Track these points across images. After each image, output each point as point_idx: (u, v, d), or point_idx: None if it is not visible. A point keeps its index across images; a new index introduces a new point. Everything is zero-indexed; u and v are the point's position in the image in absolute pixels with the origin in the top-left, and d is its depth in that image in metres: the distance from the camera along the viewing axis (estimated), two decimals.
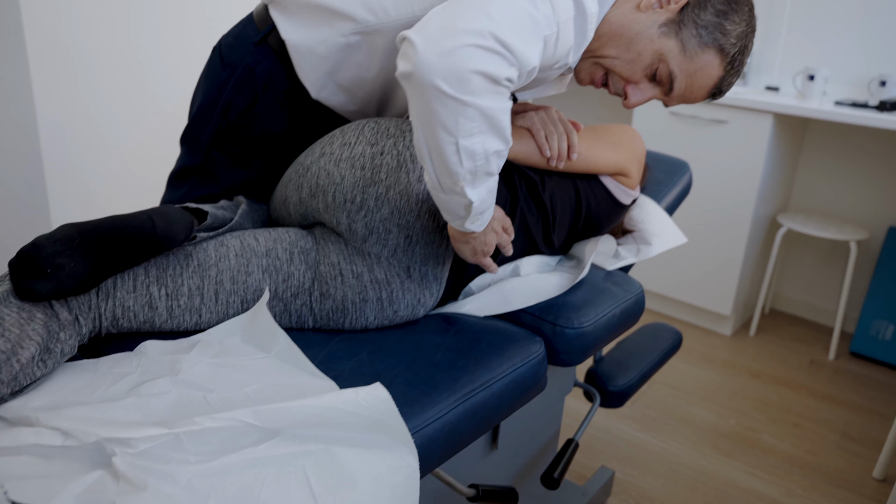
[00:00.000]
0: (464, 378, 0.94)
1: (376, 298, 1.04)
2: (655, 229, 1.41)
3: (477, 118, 0.82)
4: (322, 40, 1.07)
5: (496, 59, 0.80)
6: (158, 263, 0.98)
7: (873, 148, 2.64)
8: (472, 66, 0.78)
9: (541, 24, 0.86)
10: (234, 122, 1.15)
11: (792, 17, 2.72)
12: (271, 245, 1.04)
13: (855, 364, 2.54)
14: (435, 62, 0.78)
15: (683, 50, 1.00)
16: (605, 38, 1.03)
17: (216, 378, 0.90)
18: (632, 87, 1.05)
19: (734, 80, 1.07)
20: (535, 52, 0.85)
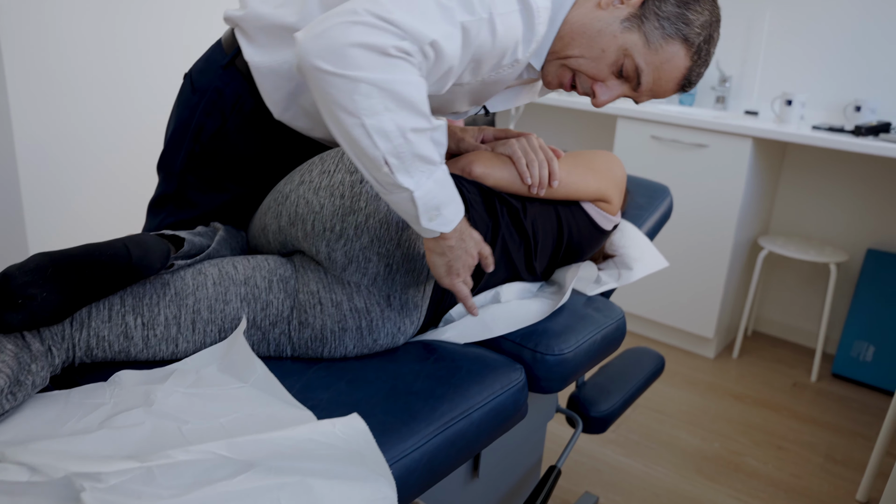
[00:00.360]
0: (443, 407, 0.93)
1: (356, 327, 1.03)
2: (636, 254, 1.42)
3: (375, 94, 0.81)
4: (284, 60, 1.08)
5: (374, 31, 0.80)
6: (134, 292, 0.97)
7: (850, 171, 2.68)
8: (348, 40, 0.79)
9: (450, 9, 0.86)
10: (206, 146, 1.16)
11: (769, 43, 2.77)
12: (250, 273, 1.03)
13: (837, 385, 2.55)
14: (310, 46, 0.80)
15: (648, 43, 1.01)
16: (568, 38, 1.03)
17: (191, 408, 0.89)
18: (599, 85, 1.05)
19: (703, 71, 1.07)
20: (439, 29, 0.85)
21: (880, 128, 2.33)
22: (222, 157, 1.17)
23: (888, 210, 2.64)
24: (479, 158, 1.17)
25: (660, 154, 2.63)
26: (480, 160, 1.16)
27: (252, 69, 1.10)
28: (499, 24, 0.92)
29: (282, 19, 1.06)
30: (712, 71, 2.92)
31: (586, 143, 3.27)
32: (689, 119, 2.52)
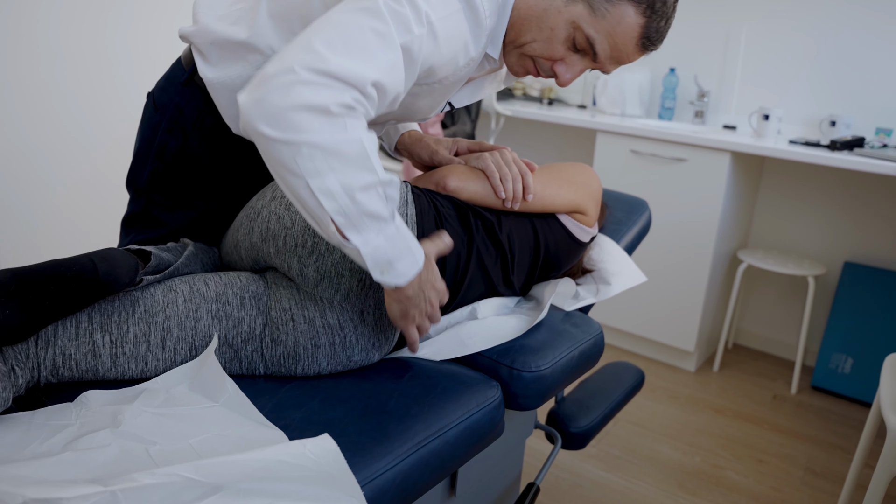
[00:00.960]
0: (417, 426, 0.92)
1: (329, 344, 1.02)
2: (615, 269, 1.42)
3: (317, 155, 0.80)
4: (238, 76, 1.07)
5: (313, 90, 0.78)
6: (103, 309, 0.95)
7: (826, 185, 2.72)
8: (288, 103, 0.78)
9: (387, 34, 0.85)
10: (170, 163, 1.15)
11: (747, 58, 2.81)
12: (221, 290, 1.02)
13: (817, 398, 2.57)
14: (252, 111, 0.79)
15: (593, 11, 0.99)
16: (519, 25, 1.03)
17: (160, 429, 0.87)
18: (559, 64, 1.04)
19: (663, 25, 1.02)
20: (379, 65, 0.84)
21: (855, 142, 2.37)
22: (186, 174, 1.16)
23: (864, 223, 2.67)
24: (454, 172, 1.17)
25: (639, 168, 2.65)
26: (454, 174, 1.16)
27: (207, 85, 1.10)
28: (440, 29, 0.91)
29: (233, 35, 1.06)
30: (691, 86, 2.95)
31: (566, 157, 3.28)
32: (668, 133, 2.54)
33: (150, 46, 2.10)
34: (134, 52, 2.08)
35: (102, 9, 1.98)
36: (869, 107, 2.59)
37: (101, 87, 2.03)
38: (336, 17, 0.85)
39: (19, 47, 1.81)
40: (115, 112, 2.06)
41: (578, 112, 3.06)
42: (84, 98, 1.99)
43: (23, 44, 1.82)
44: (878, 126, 2.57)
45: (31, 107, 1.87)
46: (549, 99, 3.30)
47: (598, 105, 3.12)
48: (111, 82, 2.05)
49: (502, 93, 3.24)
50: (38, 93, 1.88)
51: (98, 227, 2.06)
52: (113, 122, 2.06)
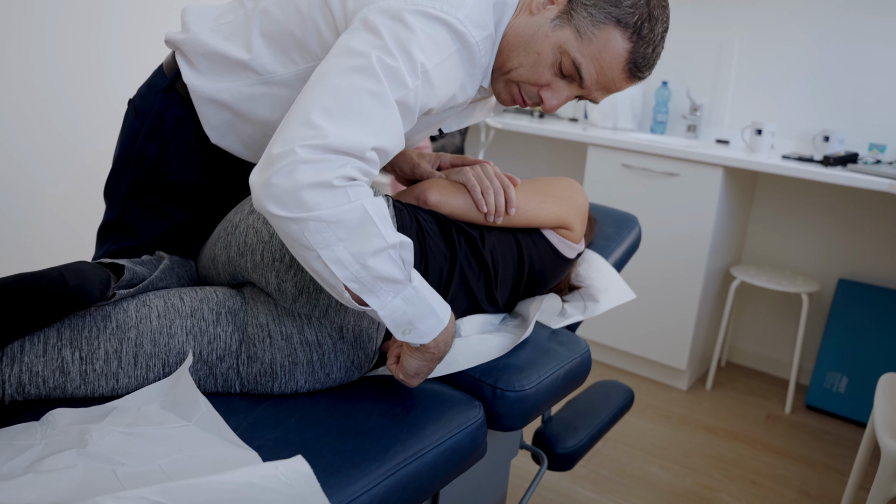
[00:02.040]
0: (395, 447, 0.91)
1: (307, 361, 1.01)
2: (603, 285, 1.42)
3: (324, 228, 0.83)
4: (224, 88, 1.08)
5: (314, 168, 0.81)
6: (73, 325, 0.94)
7: (820, 201, 2.73)
8: (293, 185, 0.81)
9: (382, 94, 0.86)
10: (149, 171, 1.15)
11: (739, 72, 2.83)
12: (197, 305, 1.01)
13: (811, 418, 2.57)
14: (262, 194, 0.82)
15: (580, 35, 0.99)
16: (507, 52, 1.04)
17: (129, 449, 0.86)
18: (545, 90, 1.05)
19: (650, 52, 1.03)
20: (378, 129, 0.86)
21: (848, 158, 2.39)
22: (165, 182, 1.15)
23: (858, 240, 2.68)
24: (434, 186, 1.17)
25: (631, 182, 2.66)
26: (435, 188, 1.16)
27: (191, 92, 1.10)
28: (435, 76, 0.92)
29: (228, 52, 1.06)
30: (683, 99, 2.97)
31: (557, 171, 3.29)
32: (660, 147, 2.56)
33: (135, 52, 2.09)
34: (117, 58, 2.07)
35: (89, 14, 1.98)
36: (862, 122, 2.62)
37: (87, 93, 2.02)
38: (331, 81, 0.86)
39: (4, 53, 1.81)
40: (100, 118, 2.05)
41: (570, 125, 3.08)
42: (69, 104, 1.98)
43: (9, 49, 1.81)
44: (872, 142, 2.59)
45: (15, 111, 1.86)
46: (539, 112, 3.31)
47: (589, 118, 3.14)
48: (96, 88, 2.04)
49: None
50: (23, 98, 1.87)
51: (84, 234, 2.04)
52: (97, 128, 2.06)
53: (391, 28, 0.89)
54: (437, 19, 0.92)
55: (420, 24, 0.91)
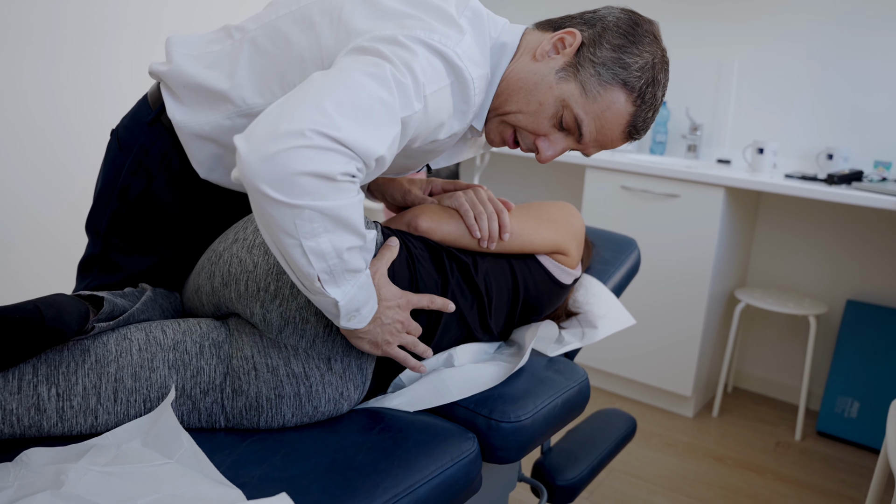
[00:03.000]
0: (385, 482, 0.90)
1: (294, 394, 1.00)
2: (602, 311, 1.40)
3: (318, 218, 0.81)
4: (207, 122, 1.07)
5: (322, 156, 0.78)
6: (50, 360, 0.92)
7: (825, 220, 2.73)
8: (297, 168, 0.77)
9: (393, 108, 0.86)
10: (133, 205, 1.13)
11: (739, 90, 2.85)
12: (180, 338, 1.00)
13: (822, 444, 2.54)
14: (258, 168, 0.77)
15: (585, 92, 1.01)
16: (506, 94, 1.04)
17: (107, 489, 0.84)
18: (542, 140, 1.06)
19: (650, 116, 1.06)
20: (384, 139, 0.84)
21: (853, 176, 2.39)
22: (149, 217, 1.14)
23: (866, 260, 2.68)
24: (425, 212, 1.16)
25: (630, 205, 2.66)
26: (426, 214, 1.15)
27: (175, 127, 1.09)
28: (430, 103, 0.92)
29: (209, 82, 1.05)
30: (683, 119, 2.98)
31: (554, 194, 3.29)
32: (659, 168, 2.56)
33: (117, 81, 2.10)
34: (108, 85, 2.08)
35: (68, 43, 1.99)
36: (866, 139, 2.62)
37: (72, 121, 2.03)
38: (346, 78, 0.84)
39: None
40: (87, 147, 2.06)
41: None
42: (52, 133, 1.99)
43: None
44: (877, 159, 2.59)
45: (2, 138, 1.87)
46: None
47: None
48: (80, 117, 2.04)
49: None
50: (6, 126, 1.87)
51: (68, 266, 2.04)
52: (83, 157, 2.06)
53: (394, 50, 0.89)
54: (434, 50, 0.92)
55: (420, 50, 0.91)
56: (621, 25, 1.03)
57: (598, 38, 1.02)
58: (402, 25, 0.93)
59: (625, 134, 1.06)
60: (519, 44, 1.06)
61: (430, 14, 0.96)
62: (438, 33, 0.93)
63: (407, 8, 0.97)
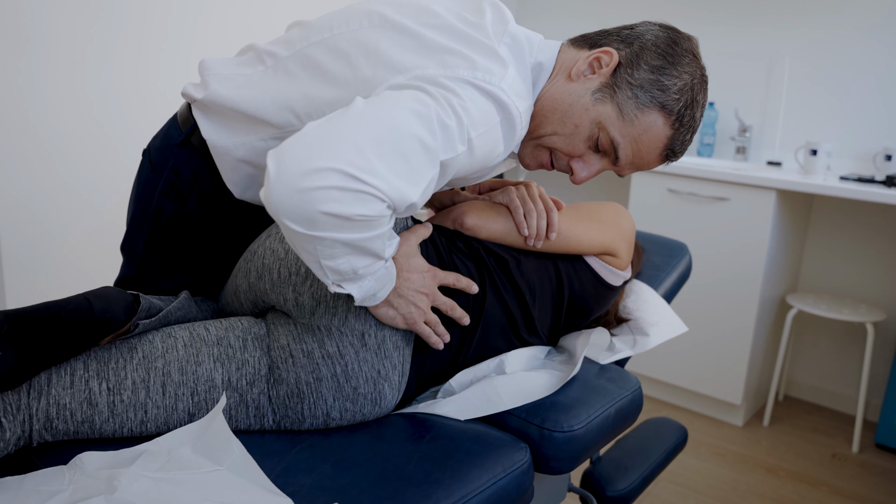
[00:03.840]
0: (437, 493, 0.88)
1: (331, 375, 1.00)
2: (653, 318, 1.37)
3: (338, 246, 0.82)
4: (241, 143, 1.06)
5: (356, 199, 0.78)
6: (99, 357, 0.95)
7: (883, 224, 2.64)
8: (325, 209, 0.77)
9: (434, 151, 0.84)
10: (167, 226, 1.15)
11: (790, 90, 2.77)
12: (223, 334, 1.02)
13: (882, 458, 2.45)
14: (284, 202, 0.77)
15: (622, 114, 0.98)
16: (541, 117, 1.02)
17: (158, 495, 0.85)
18: (576, 161, 1.03)
19: (689, 138, 1.03)
20: (419, 184, 0.83)
21: None
22: (184, 238, 1.16)
23: None
24: (472, 209, 1.15)
25: (677, 208, 2.60)
26: (473, 211, 1.14)
27: (210, 148, 1.09)
28: (477, 145, 0.91)
29: (243, 106, 1.04)
30: (731, 120, 2.92)
31: (600, 198, 3.25)
32: (708, 171, 2.50)
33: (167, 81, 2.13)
34: (148, 86, 2.11)
35: (106, 53, 2.03)
36: None
37: (122, 125, 2.06)
38: (389, 112, 0.82)
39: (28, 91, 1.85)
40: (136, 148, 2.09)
41: None
42: (101, 136, 2.03)
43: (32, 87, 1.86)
44: None
45: (36, 152, 1.91)
46: None
47: None
48: (132, 119, 2.08)
49: None
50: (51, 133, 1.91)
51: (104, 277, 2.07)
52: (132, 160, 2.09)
53: (439, 91, 0.87)
54: (481, 90, 0.91)
55: (466, 92, 0.89)
56: (659, 44, 1.00)
57: (635, 58, 0.98)
58: (444, 64, 0.91)
59: (661, 156, 1.03)
60: (555, 63, 1.04)
61: (472, 47, 0.94)
62: (482, 70, 0.91)
63: (448, 41, 0.94)
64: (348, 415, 1.02)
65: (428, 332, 1.04)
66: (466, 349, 1.12)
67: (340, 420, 1.03)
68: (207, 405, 0.98)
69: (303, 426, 1.02)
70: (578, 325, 1.28)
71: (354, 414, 1.03)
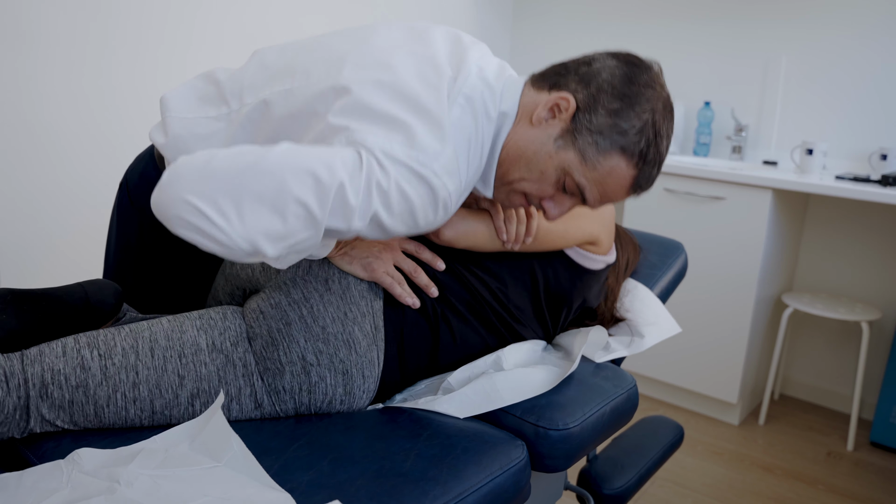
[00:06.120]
0: (434, 490, 0.89)
1: (298, 318, 1.06)
2: (648, 318, 1.39)
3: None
4: None
5: (200, 236, 0.83)
6: (88, 334, 1.03)
7: (879, 223, 2.65)
8: (179, 232, 0.83)
9: (318, 220, 0.86)
10: (157, 260, 1.23)
11: (787, 89, 2.79)
12: (203, 312, 1.10)
13: (877, 455, 2.46)
14: (158, 210, 0.84)
15: (584, 160, 0.99)
16: (508, 164, 1.04)
17: (159, 493, 0.86)
18: (547, 201, 1.06)
19: (655, 172, 1.04)
20: (281, 242, 0.86)
21: None
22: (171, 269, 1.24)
23: None
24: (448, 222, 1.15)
25: (673, 208, 2.62)
26: (448, 223, 1.15)
27: None
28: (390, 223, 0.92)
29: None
30: (728, 120, 2.93)
31: None
32: (704, 170, 2.52)
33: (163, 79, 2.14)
34: (144, 86, 2.12)
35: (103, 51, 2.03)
36: None
37: (118, 124, 2.07)
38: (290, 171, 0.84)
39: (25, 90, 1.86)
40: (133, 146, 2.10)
41: None
42: (98, 135, 2.03)
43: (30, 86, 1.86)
44: None
45: (33, 150, 1.91)
46: None
47: None
48: (127, 118, 2.08)
49: None
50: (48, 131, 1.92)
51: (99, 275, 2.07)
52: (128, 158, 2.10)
53: (369, 163, 0.88)
54: (413, 171, 0.91)
55: (397, 171, 0.90)
56: (616, 84, 0.99)
57: (593, 102, 0.99)
58: (386, 137, 0.91)
59: (628, 192, 1.05)
60: (518, 108, 1.04)
61: (418, 117, 0.93)
62: (418, 149, 0.91)
63: (395, 108, 0.94)
64: (325, 358, 1.05)
65: (391, 283, 1.10)
66: (444, 321, 1.15)
67: (318, 366, 1.05)
68: (195, 367, 1.02)
69: (284, 377, 1.05)
70: (565, 314, 1.29)
71: (331, 358, 1.06)
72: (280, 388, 1.05)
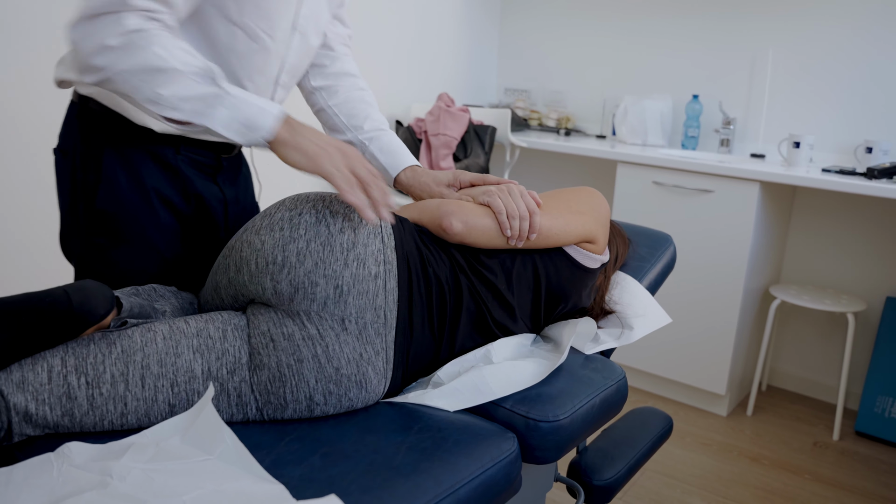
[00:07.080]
0: (426, 483, 0.89)
1: (311, 356, 1.01)
2: (637, 310, 1.39)
3: (128, 78, 0.98)
4: None
5: (88, 39, 0.95)
6: (77, 352, 0.95)
7: (865, 215, 2.68)
8: (81, 60, 0.97)
9: None
10: (96, 201, 1.18)
11: (774, 83, 2.80)
12: (202, 325, 1.02)
13: (862, 445, 2.49)
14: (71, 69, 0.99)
15: None
16: None
17: (152, 486, 0.85)
18: None
19: None
20: None
21: (893, 169, 2.33)
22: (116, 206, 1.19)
23: None
24: (458, 213, 1.15)
25: (662, 200, 2.63)
26: (459, 215, 1.15)
27: (100, 98, 1.16)
28: None
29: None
30: (715, 113, 2.94)
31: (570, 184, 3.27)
32: (692, 163, 2.53)
33: None
34: None
35: None
36: None
37: None
38: None
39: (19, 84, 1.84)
40: None
41: (597, 142, 3.06)
42: None
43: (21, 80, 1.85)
44: None
45: None
46: (566, 129, 3.30)
47: (617, 135, 3.12)
48: None
49: (517, 124, 3.25)
50: None
51: None
52: None
53: None
54: None
55: None
56: None
57: None
58: None
59: None
60: None
61: None
62: None
63: None
64: (333, 399, 1.03)
65: (338, 175, 1.01)
66: (449, 337, 1.14)
67: (325, 405, 1.03)
68: (188, 396, 0.98)
69: (286, 412, 1.02)
70: (558, 311, 1.30)
71: (340, 398, 1.03)
72: (276, 418, 1.04)
